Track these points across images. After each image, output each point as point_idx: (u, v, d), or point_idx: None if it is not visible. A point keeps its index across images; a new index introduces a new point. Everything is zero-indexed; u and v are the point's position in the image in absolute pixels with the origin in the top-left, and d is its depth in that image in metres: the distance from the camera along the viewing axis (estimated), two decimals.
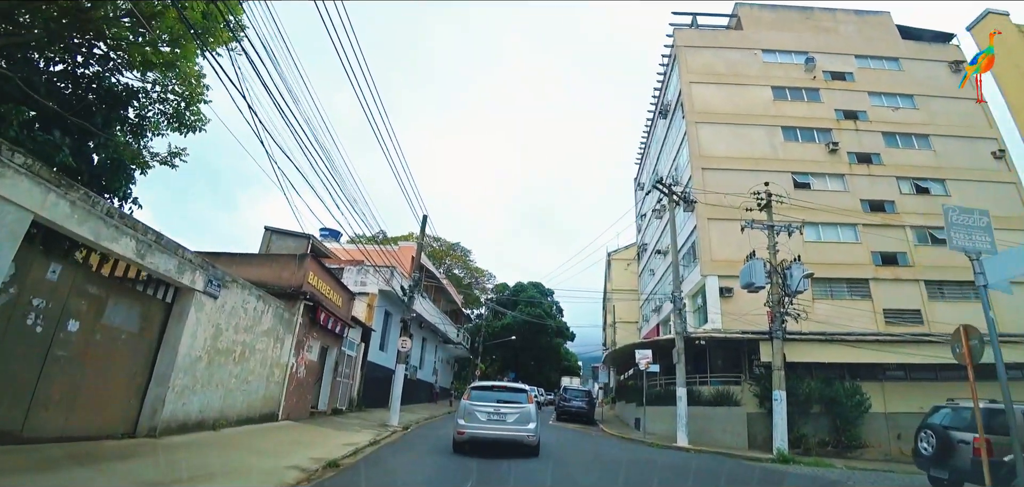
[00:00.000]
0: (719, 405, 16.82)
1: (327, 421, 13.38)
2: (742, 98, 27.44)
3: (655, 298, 32.87)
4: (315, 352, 13.85)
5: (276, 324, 11.21)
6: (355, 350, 18.32)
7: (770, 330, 15.79)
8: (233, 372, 9.50)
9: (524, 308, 45.28)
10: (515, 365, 48.69)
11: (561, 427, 19.35)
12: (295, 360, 12.26)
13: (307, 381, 13.25)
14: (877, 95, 28.35)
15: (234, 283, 9.34)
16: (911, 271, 23.67)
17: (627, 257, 43.97)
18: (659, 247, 30.58)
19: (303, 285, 12.41)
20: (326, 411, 14.96)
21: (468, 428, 9.50)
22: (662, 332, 30.03)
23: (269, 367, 10.98)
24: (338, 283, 15.29)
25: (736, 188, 23.83)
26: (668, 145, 30.79)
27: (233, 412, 9.60)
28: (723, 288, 22.14)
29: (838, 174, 25.71)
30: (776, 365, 15.31)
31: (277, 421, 11.40)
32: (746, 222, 16.83)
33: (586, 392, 23.12)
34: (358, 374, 18.44)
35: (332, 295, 14.54)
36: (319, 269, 13.55)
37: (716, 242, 23.25)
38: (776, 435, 14.64)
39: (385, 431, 12.42)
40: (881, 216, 24.84)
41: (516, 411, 9.73)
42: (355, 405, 18.32)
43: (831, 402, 17.06)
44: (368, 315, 20.58)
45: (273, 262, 12.90)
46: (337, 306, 14.87)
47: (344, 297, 15.82)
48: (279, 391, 11.54)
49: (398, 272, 21.17)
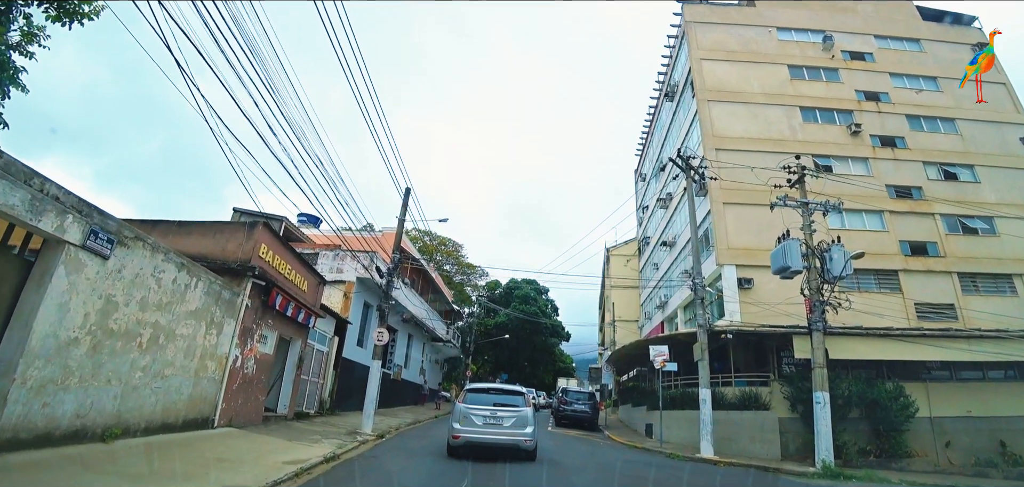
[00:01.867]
0: (746, 409, 14.61)
1: (284, 428, 10.93)
2: (757, 76, 25.44)
3: (659, 294, 30.71)
4: (270, 344, 11.40)
5: (210, 304, 8.76)
6: (327, 345, 15.87)
7: (808, 322, 13.60)
8: (139, 363, 7.05)
9: (518, 306, 42.94)
10: (508, 366, 46.29)
11: (562, 434, 17.02)
12: (239, 351, 9.81)
13: (258, 378, 10.80)
14: (899, 76, 26.57)
15: (139, 242, 6.89)
16: (943, 262, 21.73)
17: (627, 252, 41.83)
18: (665, 238, 28.42)
19: (252, 259, 9.98)
20: (286, 415, 12.49)
21: (463, 432, 9.09)
22: (667, 329, 27.89)
23: (199, 359, 8.54)
24: (303, 263, 12.86)
25: (751, 169, 21.85)
26: (675, 129, 28.67)
27: (139, 416, 7.15)
28: (742, 279, 20.02)
29: (861, 158, 23.75)
30: (817, 362, 13.11)
31: (212, 428, 8.95)
32: (779, 198, 14.66)
33: (589, 394, 20.80)
34: (330, 373, 15.98)
35: (294, 277, 12.11)
36: (275, 243, 11.12)
37: (733, 228, 21.13)
38: (819, 444, 12.42)
39: (351, 442, 10.00)
40: (908, 203, 22.92)
41: (513, 414, 9.35)
42: (326, 408, 15.86)
43: (872, 405, 14.90)
44: (344, 306, 18.13)
45: (217, 232, 10.44)
46: (300, 290, 12.43)
47: (311, 281, 13.38)
48: (215, 390, 9.08)
49: (379, 258, 18.75)
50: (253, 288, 10.19)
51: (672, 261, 27.29)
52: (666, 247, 28.50)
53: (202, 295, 8.48)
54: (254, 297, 10.28)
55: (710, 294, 23.99)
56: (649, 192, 36.15)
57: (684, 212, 25.92)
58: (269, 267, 10.69)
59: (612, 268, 42.50)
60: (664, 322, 29.35)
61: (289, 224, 20.87)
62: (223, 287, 9.17)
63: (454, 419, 9.31)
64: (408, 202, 14.52)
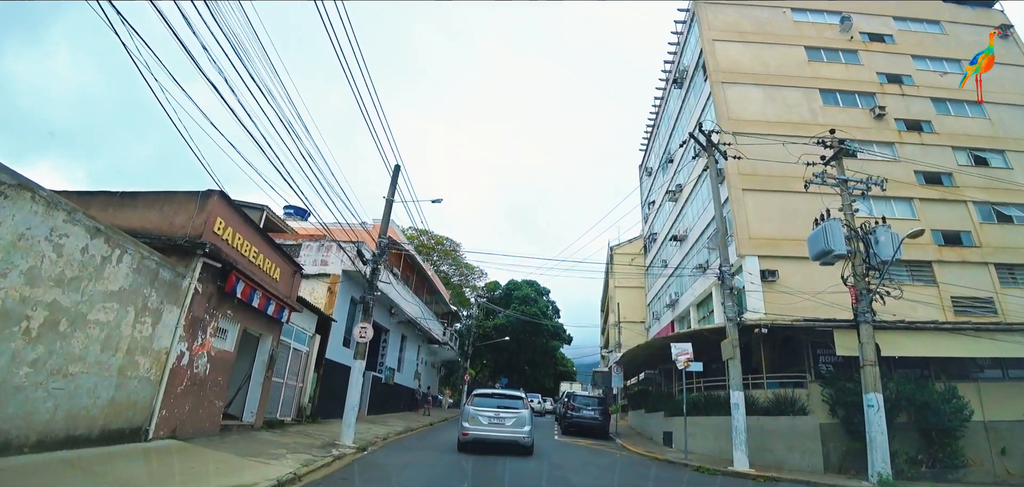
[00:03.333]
0: (780, 414, 12.87)
1: (245, 440, 9.13)
2: (772, 57, 23.90)
3: (668, 292, 29.00)
4: (231, 339, 9.63)
5: (141, 285, 7.00)
6: (307, 344, 14.08)
7: (854, 313, 11.92)
8: (25, 356, 5.29)
9: (518, 307, 41.14)
10: (507, 369, 44.45)
11: (570, 444, 15.22)
12: (186, 346, 8.04)
13: (214, 379, 9.02)
14: (921, 59, 25.10)
15: (24, 192, 5.14)
16: (978, 253, 20.15)
17: (631, 251, 40.13)
18: (675, 232, 26.73)
19: (203, 234, 8.23)
20: (254, 424, 10.68)
21: (471, 430, 10.76)
22: (678, 329, 26.17)
23: (125, 353, 6.77)
24: (274, 248, 11.10)
25: (773, 154, 20.29)
26: (685, 116, 27.06)
27: (26, 427, 5.38)
28: (765, 270, 18.37)
29: (887, 142, 22.18)
30: (867, 359, 11.41)
31: (146, 440, 7.17)
32: (816, 175, 13.04)
33: (598, 398, 18.94)
34: (310, 375, 14.17)
35: (263, 262, 10.35)
36: (237, 219, 9.36)
37: (754, 217, 19.48)
38: (874, 454, 10.69)
39: (323, 458, 8.22)
40: (939, 190, 21.36)
41: (513, 415, 11.00)
42: (307, 415, 14.05)
43: (922, 408, 13.15)
44: (329, 302, 16.36)
45: (164, 203, 8.68)
46: (270, 279, 10.66)
47: (285, 269, 11.61)
48: (149, 393, 7.30)
49: (366, 247, 17.03)
50: (205, 270, 8.43)
51: (684, 256, 25.61)
52: (676, 242, 26.82)
53: (129, 272, 6.72)
54: (207, 281, 8.52)
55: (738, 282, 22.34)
56: (656, 186, 34.52)
57: (697, 202, 24.29)
58: (227, 247, 8.94)
59: (616, 267, 40.77)
60: (675, 322, 27.62)
61: (271, 214, 19.12)
62: (161, 265, 7.40)
63: (463, 419, 11.13)
64: (397, 180, 12.80)
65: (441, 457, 10.37)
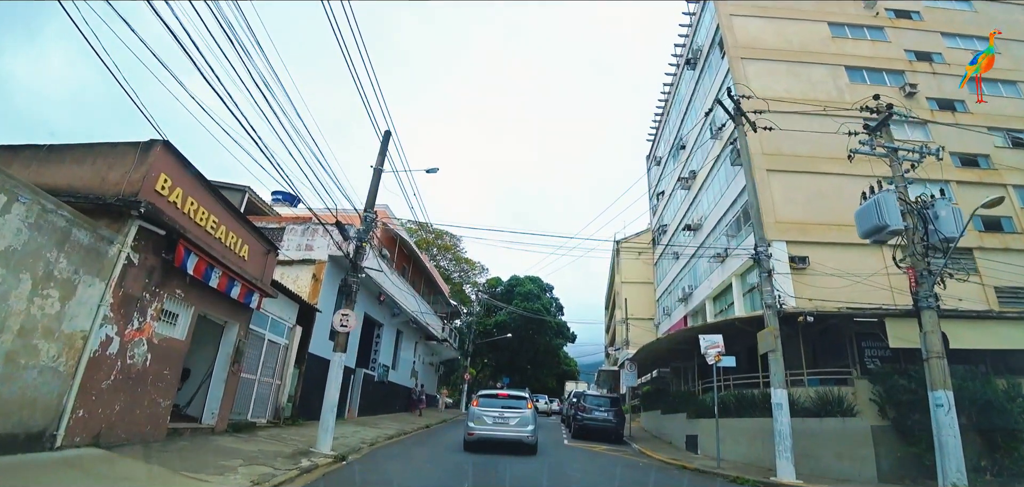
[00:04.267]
0: (826, 415, 11.23)
1: (196, 448, 7.51)
2: (794, 33, 22.34)
3: (681, 286, 27.39)
4: (182, 325, 8.01)
5: (45, 247, 5.40)
6: (286, 335, 12.46)
7: (914, 298, 10.30)
8: None
9: (520, 303, 39.48)
10: (509, 369, 42.78)
11: (583, 450, 13.58)
12: (115, 330, 6.42)
13: (157, 373, 7.40)
14: (951, 36, 23.55)
15: None
16: (1021, 239, 18.54)
17: (639, 245, 38.50)
18: (689, 221, 25.10)
19: (140, 193, 6.61)
20: (214, 426, 9.06)
21: (477, 430, 10.96)
22: (691, 324, 24.56)
23: (18, 335, 5.16)
24: (241, 221, 9.48)
25: (799, 135, 18.76)
26: (699, 98, 25.45)
27: None
28: (794, 257, 16.74)
29: (919, 122, 20.56)
30: (932, 350, 9.79)
31: (52, 449, 5.56)
32: (863, 141, 11.48)
33: (611, 399, 17.24)
34: (290, 371, 12.54)
35: (225, 235, 8.73)
36: (189, 180, 7.73)
37: (780, 200, 17.86)
38: (946, 461, 9.07)
39: (288, 471, 6.60)
40: (975, 172, 19.80)
41: (517, 415, 11.14)
42: (286, 416, 12.42)
43: (985, 407, 11.52)
44: (313, 290, 14.76)
45: (97, 157, 7.08)
46: (235, 256, 9.04)
47: (256, 248, 9.99)
48: (57, 388, 5.69)
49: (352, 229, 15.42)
50: (144, 237, 6.82)
51: (699, 245, 24.01)
52: (690, 231, 25.21)
53: (22, 227, 5.11)
54: (146, 251, 6.90)
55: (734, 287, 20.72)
56: (665, 176, 32.90)
57: (713, 188, 22.69)
58: (175, 211, 7.32)
59: (622, 262, 39.16)
60: (688, 316, 26.00)
61: (253, 196, 17.53)
62: (75, 223, 5.79)
63: (469, 419, 11.28)
64: (387, 148, 11.18)
65: (435, 469, 8.77)
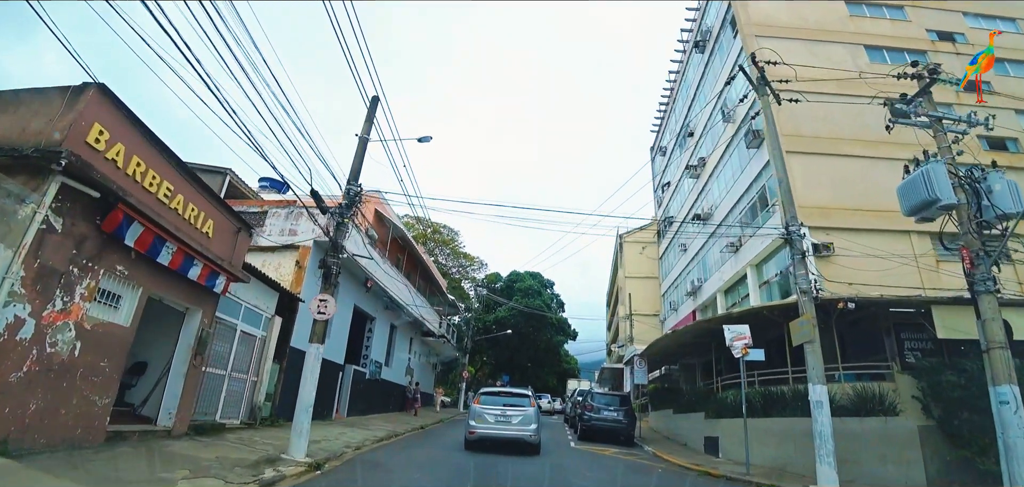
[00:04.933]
0: (867, 414, 10.05)
1: (137, 455, 6.31)
2: (811, 12, 21.21)
3: (689, 279, 26.21)
4: (125, 309, 6.78)
5: None
6: (263, 327, 11.23)
7: (969, 281, 9.11)
8: None
9: (520, 299, 38.27)
10: (509, 367, 41.57)
11: (592, 454, 12.35)
12: (29, 310, 5.22)
13: (92, 365, 6.19)
14: (973, 16, 22.46)
15: None
16: None
17: (643, 239, 37.31)
18: (699, 210, 23.91)
19: (65, 142, 5.40)
20: (171, 428, 7.83)
21: (478, 429, 10.73)
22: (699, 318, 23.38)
23: None
24: (202, 189, 8.23)
25: (819, 117, 17.69)
26: (708, 81, 24.27)
27: None
28: (818, 244, 15.56)
29: (943, 102, 19.38)
30: (992, 339, 8.57)
31: None
32: (904, 104, 10.34)
33: (621, 397, 15.96)
34: (267, 367, 11.32)
35: (182, 206, 7.51)
36: (135, 135, 6.50)
37: (801, 183, 16.66)
38: (1015, 467, 7.85)
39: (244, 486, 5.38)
40: (1006, 156, 18.68)
41: (520, 414, 10.90)
42: (263, 416, 11.19)
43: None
44: (296, 278, 13.54)
45: (18, 104, 5.87)
46: (196, 232, 7.82)
47: (222, 224, 8.76)
48: None
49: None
50: (70, 197, 5.60)
51: (710, 235, 22.85)
52: (699, 221, 24.02)
53: None
54: (74, 216, 5.69)
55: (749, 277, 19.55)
56: (671, 166, 31.74)
57: (725, 174, 21.50)
58: (115, 171, 6.10)
59: (626, 257, 37.97)
60: (696, 311, 24.84)
61: (235, 179, 16.32)
62: None
63: (471, 418, 10.97)
64: (375, 115, 9.97)
65: (427, 478, 7.56)
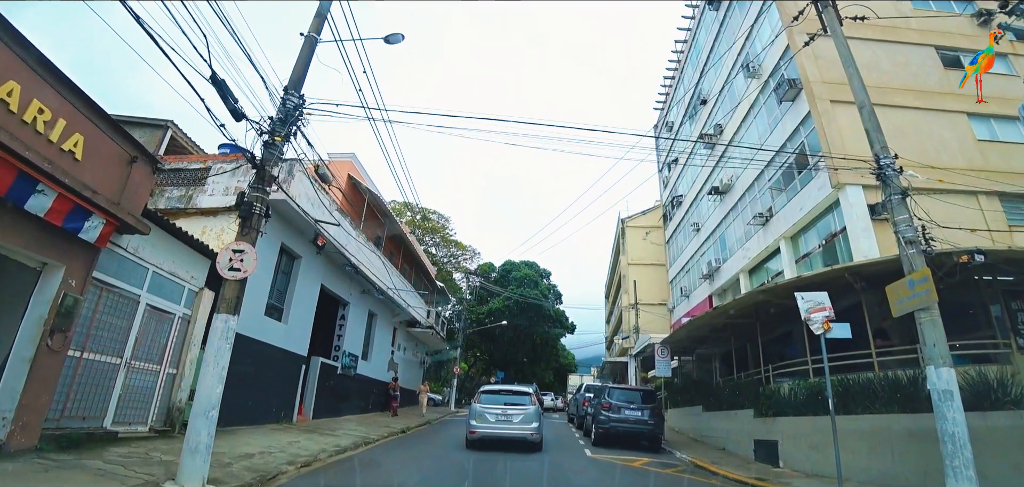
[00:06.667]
0: (991, 408, 7.57)
1: None
2: None
3: (703, 261, 23.78)
4: None
5: None
6: (186, 302, 8.53)
7: None
8: None
9: (516, 289, 35.68)
10: (504, 362, 38.98)
11: (613, 465, 9.76)
12: None
13: None
14: None
15: None
16: None
17: (647, 223, 34.92)
18: (717, 183, 21.43)
19: None
20: (2, 440, 5.13)
21: (479, 428, 10.43)
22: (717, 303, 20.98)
23: None
24: (63, 83, 5.52)
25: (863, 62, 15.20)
26: (724, 39, 21.81)
27: None
28: (873, 203, 13.18)
29: (1001, 54, 17.16)
30: None
31: None
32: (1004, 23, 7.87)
33: (645, 393, 13.13)
34: (191, 355, 8.61)
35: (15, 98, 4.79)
36: None
37: (849, 136, 14.28)
38: None
39: None
40: None
41: (521, 412, 10.55)
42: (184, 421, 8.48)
43: None
44: None
45: None
46: (42, 141, 5.16)
47: (102, 144, 6.09)
48: None
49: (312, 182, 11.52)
50: None
51: (730, 208, 20.42)
52: (717, 195, 21.58)
53: None
54: None
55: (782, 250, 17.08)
56: (678, 145, 29.31)
57: (750, 137, 18.96)
58: None
59: (628, 243, 35.53)
60: (713, 295, 22.42)
61: (178, 132, 13.59)
62: None
63: (471, 417, 10.70)
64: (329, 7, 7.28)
65: None
